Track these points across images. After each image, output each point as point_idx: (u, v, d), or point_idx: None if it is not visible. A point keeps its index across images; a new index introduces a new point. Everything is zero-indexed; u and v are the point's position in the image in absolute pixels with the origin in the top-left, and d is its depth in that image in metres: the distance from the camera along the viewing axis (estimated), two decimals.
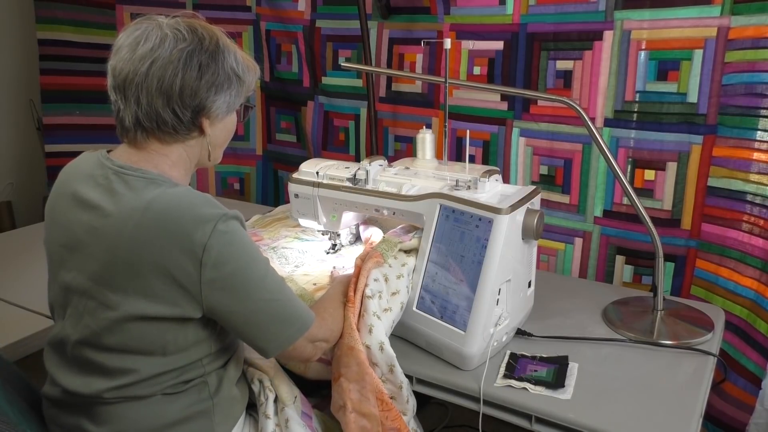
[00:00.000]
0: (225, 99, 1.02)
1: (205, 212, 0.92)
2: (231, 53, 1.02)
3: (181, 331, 0.95)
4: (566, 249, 1.83)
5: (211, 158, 1.08)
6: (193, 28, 0.99)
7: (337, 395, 1.13)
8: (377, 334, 1.13)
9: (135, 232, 0.91)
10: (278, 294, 1.00)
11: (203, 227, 0.91)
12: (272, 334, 1.00)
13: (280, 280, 1.02)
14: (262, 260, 0.99)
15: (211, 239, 0.91)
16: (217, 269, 0.92)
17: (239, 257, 0.94)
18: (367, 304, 1.15)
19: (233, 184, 2.54)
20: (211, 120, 1.02)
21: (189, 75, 0.97)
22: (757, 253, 1.48)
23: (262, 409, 1.10)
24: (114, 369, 0.95)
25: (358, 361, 1.11)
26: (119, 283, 0.92)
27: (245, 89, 1.07)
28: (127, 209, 0.93)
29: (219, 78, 1.00)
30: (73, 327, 0.98)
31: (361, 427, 1.09)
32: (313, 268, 1.45)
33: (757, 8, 1.42)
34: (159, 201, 0.92)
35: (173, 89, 0.96)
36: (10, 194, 2.65)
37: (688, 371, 1.20)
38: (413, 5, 1.96)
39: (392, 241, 1.28)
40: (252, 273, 0.96)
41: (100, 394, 0.96)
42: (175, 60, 0.96)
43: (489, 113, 1.89)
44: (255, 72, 1.09)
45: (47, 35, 2.31)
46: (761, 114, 1.44)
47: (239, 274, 0.94)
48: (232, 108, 1.06)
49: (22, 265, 1.68)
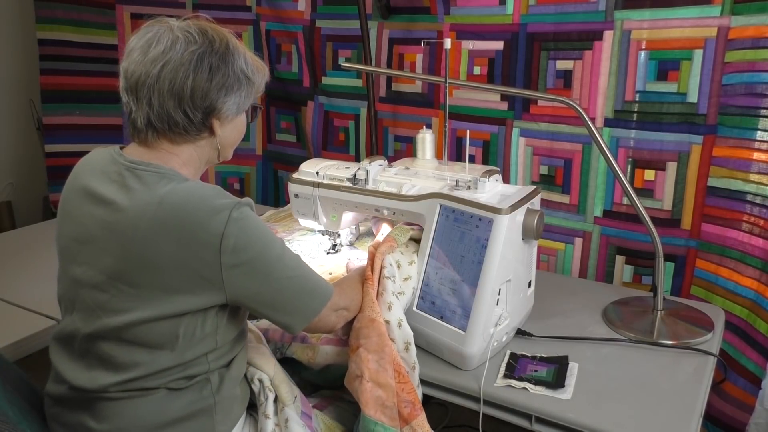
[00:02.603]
0: (235, 100, 1.04)
1: (217, 203, 0.95)
2: (241, 55, 1.04)
3: (193, 323, 0.97)
4: (566, 249, 1.83)
5: (221, 157, 1.11)
6: (203, 31, 1.01)
7: (355, 365, 1.13)
8: (396, 311, 1.16)
9: (150, 227, 0.93)
10: (298, 270, 1.03)
11: (218, 217, 0.94)
12: (297, 309, 1.04)
13: (297, 257, 1.05)
14: (277, 241, 1.02)
15: (227, 227, 0.94)
16: (236, 255, 0.95)
17: (256, 241, 0.97)
18: (386, 284, 1.18)
19: (233, 184, 2.54)
20: (222, 121, 1.04)
21: (200, 77, 0.99)
22: (757, 253, 1.48)
23: (261, 409, 1.10)
24: (122, 363, 0.97)
25: (379, 332, 1.12)
26: (135, 278, 0.94)
27: (255, 90, 1.09)
28: (141, 204, 0.94)
29: (229, 80, 1.02)
30: (83, 321, 0.99)
31: (376, 397, 1.09)
32: (328, 260, 1.49)
33: (757, 8, 1.42)
34: (172, 195, 0.94)
35: (184, 91, 0.98)
36: (10, 194, 2.65)
37: (688, 371, 1.20)
38: (413, 5, 1.96)
39: (404, 228, 1.30)
40: (270, 254, 0.99)
41: (105, 388, 0.97)
42: (186, 62, 0.98)
43: (489, 113, 1.89)
44: (264, 73, 1.11)
45: (47, 35, 2.30)
46: (761, 114, 1.44)
47: (258, 257, 0.97)
48: (242, 109, 1.08)
49: (22, 265, 1.68)
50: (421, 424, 1.09)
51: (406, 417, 1.09)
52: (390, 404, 1.09)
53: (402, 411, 1.09)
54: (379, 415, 1.08)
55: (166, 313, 0.95)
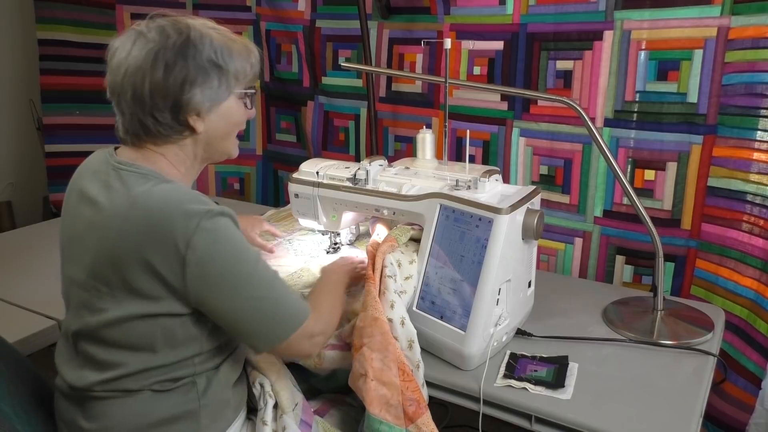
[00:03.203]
0: (204, 92, 0.98)
1: (190, 208, 0.91)
2: (206, 44, 0.98)
3: (171, 327, 0.95)
4: (566, 249, 1.83)
5: (219, 152, 1.06)
6: (160, 28, 0.97)
7: (358, 364, 1.12)
8: (398, 309, 1.15)
9: (122, 227, 0.92)
10: (267, 291, 0.98)
11: (187, 223, 0.90)
12: (260, 333, 0.98)
13: (271, 277, 0.99)
14: (250, 257, 0.97)
15: (195, 236, 0.90)
16: (201, 267, 0.91)
17: (224, 255, 0.93)
18: (387, 283, 1.18)
19: (233, 184, 2.54)
20: (201, 115, 1.00)
21: (156, 76, 0.95)
22: (757, 253, 1.48)
23: (260, 415, 1.09)
24: (104, 362, 0.97)
25: (383, 331, 1.12)
26: (108, 277, 0.94)
27: (232, 76, 1.01)
28: (117, 204, 0.94)
29: (191, 72, 0.97)
30: (72, 319, 1.01)
31: (381, 396, 1.08)
32: (328, 259, 1.49)
33: (757, 8, 1.42)
34: (145, 196, 0.93)
35: (144, 94, 0.95)
36: (10, 194, 2.66)
37: (688, 371, 1.20)
38: (413, 5, 1.96)
39: (405, 227, 1.30)
40: (238, 271, 0.94)
41: (92, 387, 0.98)
42: (142, 64, 0.95)
43: (489, 113, 1.88)
44: (247, 56, 1.04)
45: (47, 35, 2.31)
46: (761, 114, 1.44)
47: (225, 273, 0.93)
48: (220, 98, 1.01)
49: (22, 265, 1.68)
50: (426, 422, 1.08)
51: (411, 415, 1.08)
52: (395, 403, 1.08)
53: (407, 409, 1.08)
54: (384, 413, 1.08)
55: (136, 313, 0.93)
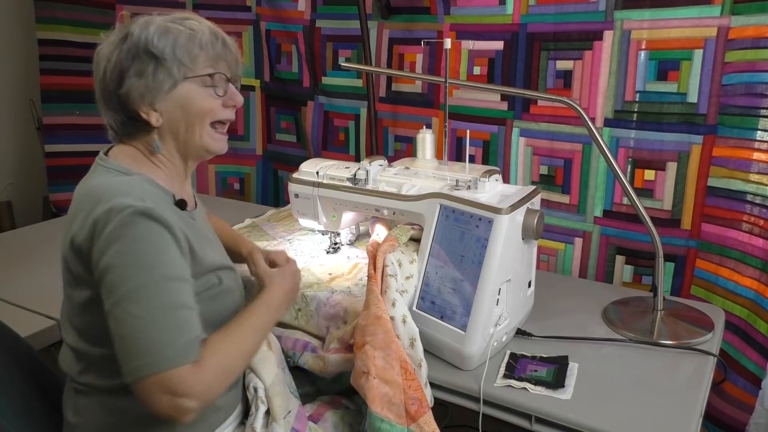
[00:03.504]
0: (141, 80, 0.96)
1: (118, 200, 0.88)
2: (143, 33, 0.96)
3: None
4: (566, 249, 1.83)
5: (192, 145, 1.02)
6: (114, 28, 1.02)
7: (361, 362, 1.11)
8: (400, 307, 1.15)
9: (72, 214, 0.95)
10: (149, 314, 0.85)
11: (108, 212, 0.87)
12: (121, 355, 0.85)
13: (165, 304, 0.86)
14: (154, 271, 0.87)
15: (108, 226, 0.87)
16: (99, 255, 0.87)
17: (124, 254, 0.86)
18: (389, 282, 1.18)
19: (233, 184, 2.54)
20: (155, 107, 0.98)
21: (101, 76, 1.00)
22: (757, 253, 1.48)
23: (249, 421, 1.07)
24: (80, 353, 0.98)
25: (385, 329, 1.12)
26: (67, 263, 0.96)
27: (172, 61, 0.96)
28: (76, 195, 0.97)
29: (122, 64, 0.97)
30: None
31: (383, 394, 1.08)
32: (328, 259, 1.49)
33: (757, 8, 1.42)
34: (95, 186, 0.95)
35: (99, 94, 1.01)
36: (10, 194, 2.66)
37: (688, 371, 1.20)
38: (413, 5, 1.96)
39: (405, 227, 1.30)
40: (129, 276, 0.86)
41: (74, 379, 1.00)
42: (96, 65, 1.01)
43: (489, 113, 1.88)
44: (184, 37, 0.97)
45: (47, 35, 2.31)
46: (761, 114, 1.44)
47: (116, 273, 0.86)
48: (163, 86, 0.96)
49: (22, 265, 1.68)
50: (428, 421, 1.08)
51: (413, 414, 1.08)
52: (397, 401, 1.08)
53: (409, 408, 1.08)
54: (386, 412, 1.07)
55: (81, 299, 0.94)
